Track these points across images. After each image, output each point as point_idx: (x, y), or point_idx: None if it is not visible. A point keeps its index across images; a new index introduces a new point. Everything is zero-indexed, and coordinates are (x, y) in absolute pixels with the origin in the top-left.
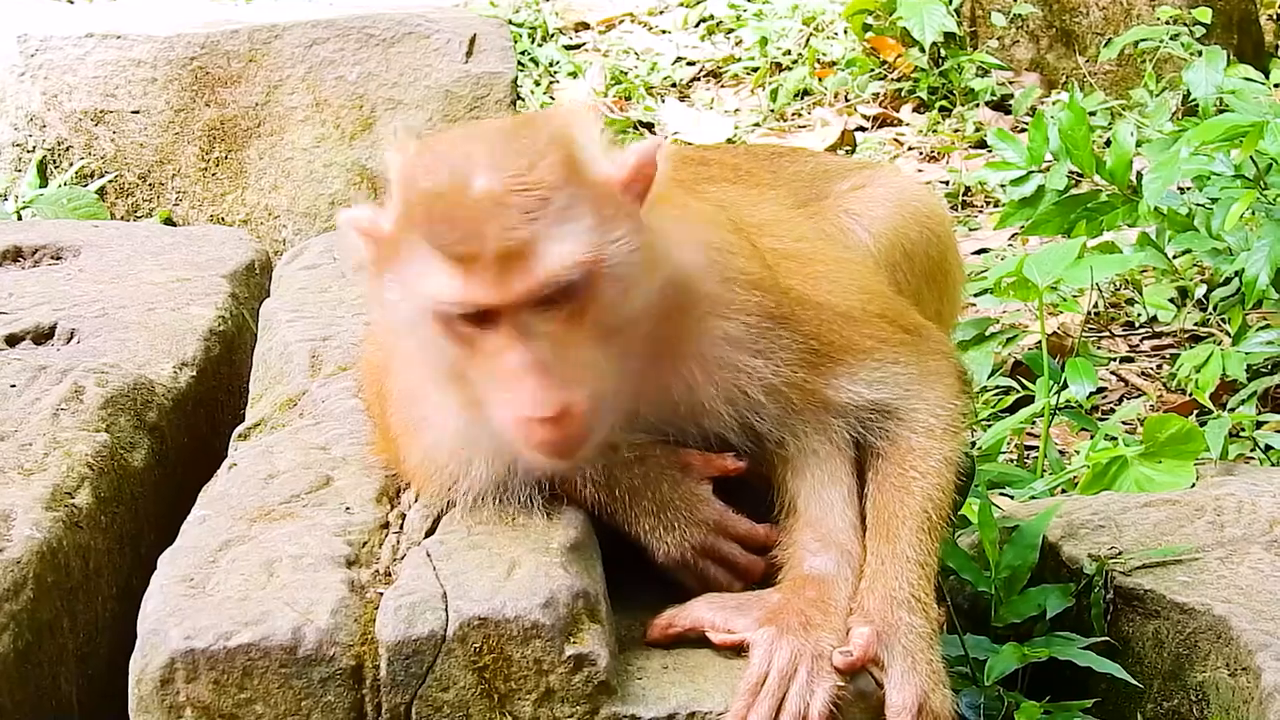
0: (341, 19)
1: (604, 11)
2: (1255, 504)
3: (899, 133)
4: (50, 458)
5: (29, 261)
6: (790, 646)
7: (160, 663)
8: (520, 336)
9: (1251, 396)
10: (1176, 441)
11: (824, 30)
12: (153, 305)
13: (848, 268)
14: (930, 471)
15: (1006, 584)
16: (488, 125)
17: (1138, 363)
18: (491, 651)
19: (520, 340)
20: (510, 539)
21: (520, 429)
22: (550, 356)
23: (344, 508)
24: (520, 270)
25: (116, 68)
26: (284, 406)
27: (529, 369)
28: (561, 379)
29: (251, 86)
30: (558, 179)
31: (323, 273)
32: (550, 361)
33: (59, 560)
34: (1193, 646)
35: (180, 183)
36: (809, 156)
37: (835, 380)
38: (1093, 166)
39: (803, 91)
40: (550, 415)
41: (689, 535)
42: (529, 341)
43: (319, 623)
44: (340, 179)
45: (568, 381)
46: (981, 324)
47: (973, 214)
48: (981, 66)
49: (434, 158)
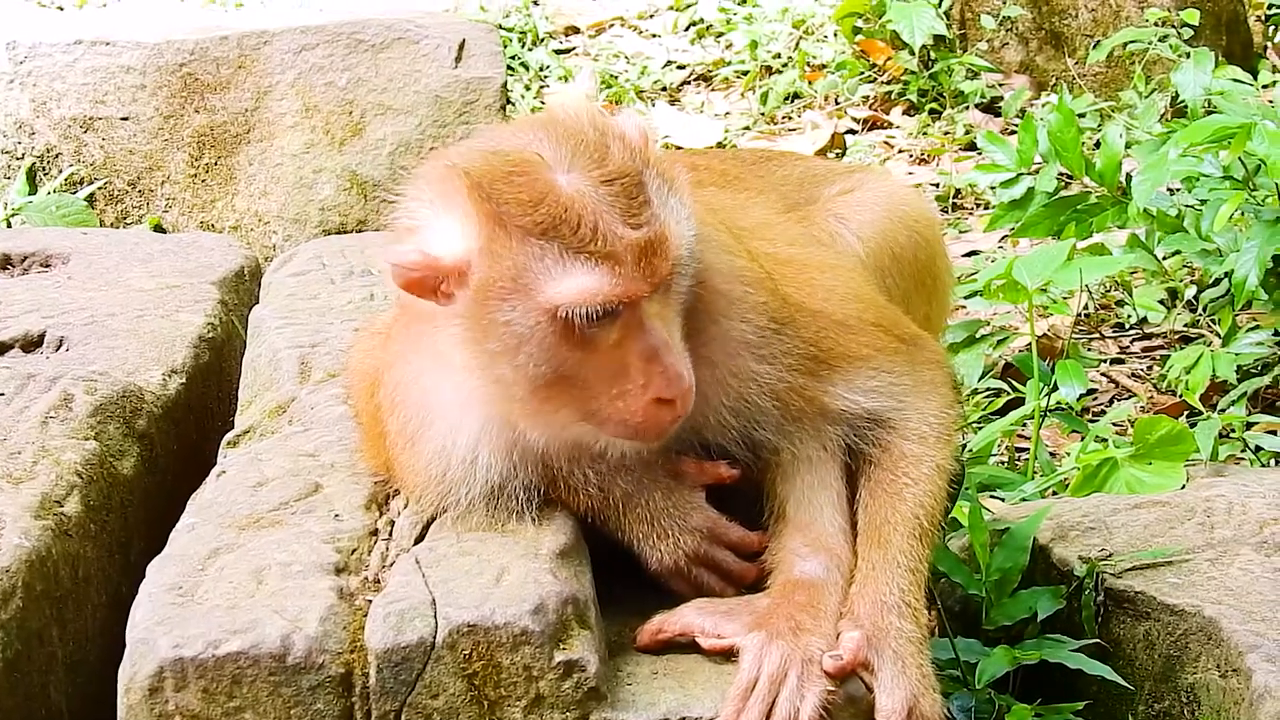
0: (331, 25)
1: (594, 15)
2: (1245, 505)
3: (889, 135)
4: (39, 466)
5: (18, 269)
6: (780, 651)
7: (149, 671)
8: (642, 323)
9: (1242, 397)
10: (1166, 443)
11: (814, 33)
12: (142, 312)
13: (841, 275)
14: (922, 478)
15: (997, 586)
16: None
17: (1128, 364)
18: (481, 658)
19: (643, 327)
20: (500, 545)
21: (648, 412)
22: (668, 337)
23: (333, 515)
24: (659, 255)
25: (106, 74)
26: (273, 413)
27: (661, 351)
28: (680, 356)
29: (241, 93)
30: (636, 163)
31: (312, 279)
32: (669, 342)
33: (48, 568)
34: (1183, 648)
35: (170, 189)
36: (797, 160)
37: (833, 388)
38: (1082, 168)
39: (793, 95)
40: (682, 391)
41: (682, 543)
42: (650, 325)
43: (308, 630)
44: (330, 185)
45: (683, 358)
46: (972, 326)
47: (963, 216)
48: (971, 69)
49: (507, 169)
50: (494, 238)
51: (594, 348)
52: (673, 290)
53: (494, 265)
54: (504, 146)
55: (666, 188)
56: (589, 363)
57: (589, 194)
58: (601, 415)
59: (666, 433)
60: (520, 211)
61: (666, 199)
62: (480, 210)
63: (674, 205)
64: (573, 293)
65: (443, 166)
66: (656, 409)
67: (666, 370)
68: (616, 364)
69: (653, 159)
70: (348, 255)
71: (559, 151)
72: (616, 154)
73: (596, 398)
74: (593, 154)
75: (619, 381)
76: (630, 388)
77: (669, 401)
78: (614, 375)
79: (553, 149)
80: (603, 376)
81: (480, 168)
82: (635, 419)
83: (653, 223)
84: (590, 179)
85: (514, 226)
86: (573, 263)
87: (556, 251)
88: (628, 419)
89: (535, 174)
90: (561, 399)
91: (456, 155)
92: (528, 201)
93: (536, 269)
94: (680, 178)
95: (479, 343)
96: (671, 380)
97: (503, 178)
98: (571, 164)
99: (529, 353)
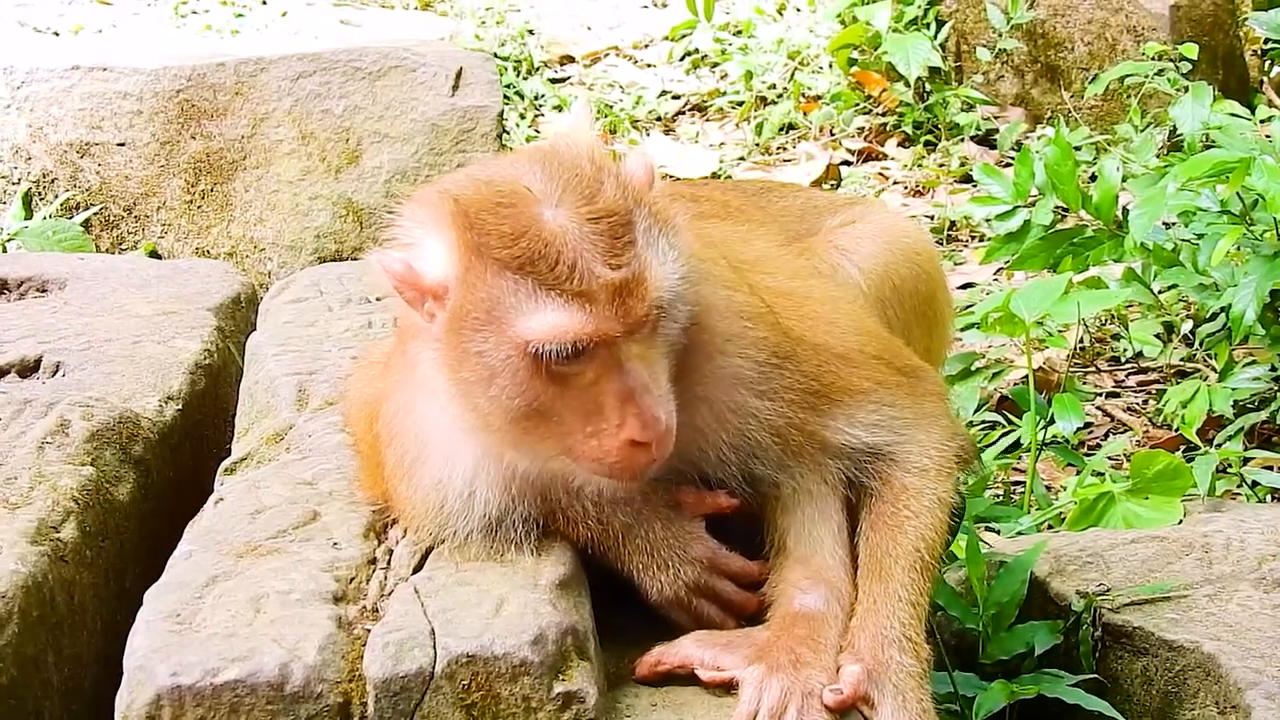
0: (327, 52)
1: (589, 45)
2: (1243, 541)
3: (884, 167)
4: (36, 491)
5: (14, 294)
6: (780, 684)
7: (146, 699)
8: (619, 363)
9: (1239, 432)
10: (1164, 478)
11: (809, 64)
12: (138, 338)
13: (843, 307)
14: (923, 511)
15: (994, 621)
16: (517, 161)
17: (1124, 398)
18: (480, 689)
19: (620, 367)
20: (499, 575)
21: (622, 453)
22: (647, 379)
23: (331, 543)
24: (635, 296)
25: (102, 100)
26: (270, 441)
27: (636, 393)
28: (658, 399)
29: (237, 119)
30: (627, 202)
31: (309, 306)
32: (649, 384)
33: (44, 595)
34: (1182, 684)
35: (165, 215)
36: (797, 192)
37: (833, 423)
38: (1078, 201)
39: (788, 126)
40: (657, 436)
41: (683, 573)
42: (629, 366)
43: (306, 659)
44: (326, 212)
45: (661, 401)
46: (967, 359)
47: (958, 249)
48: (966, 101)
49: (495, 200)
50: (471, 267)
51: (569, 384)
52: (658, 332)
53: (469, 294)
54: (496, 177)
55: (657, 229)
56: (564, 399)
57: (572, 231)
58: (577, 452)
59: (642, 475)
60: (500, 244)
61: (655, 240)
62: (461, 239)
63: (662, 247)
64: (544, 329)
65: (436, 191)
66: (631, 451)
67: (642, 413)
68: (591, 402)
69: (647, 199)
70: (345, 283)
71: (550, 186)
72: (608, 191)
73: (571, 434)
74: (583, 190)
75: (593, 420)
76: (605, 427)
77: (644, 444)
78: (588, 413)
79: (544, 182)
80: (577, 414)
81: (470, 195)
82: (610, 459)
83: (633, 264)
84: (576, 215)
85: (491, 258)
86: (545, 299)
87: (531, 286)
88: (602, 458)
89: (521, 207)
90: (539, 432)
91: (451, 181)
92: (509, 234)
93: (509, 302)
94: (678, 219)
95: (454, 370)
96: (647, 424)
97: (489, 208)
98: (560, 199)
99: (501, 385)
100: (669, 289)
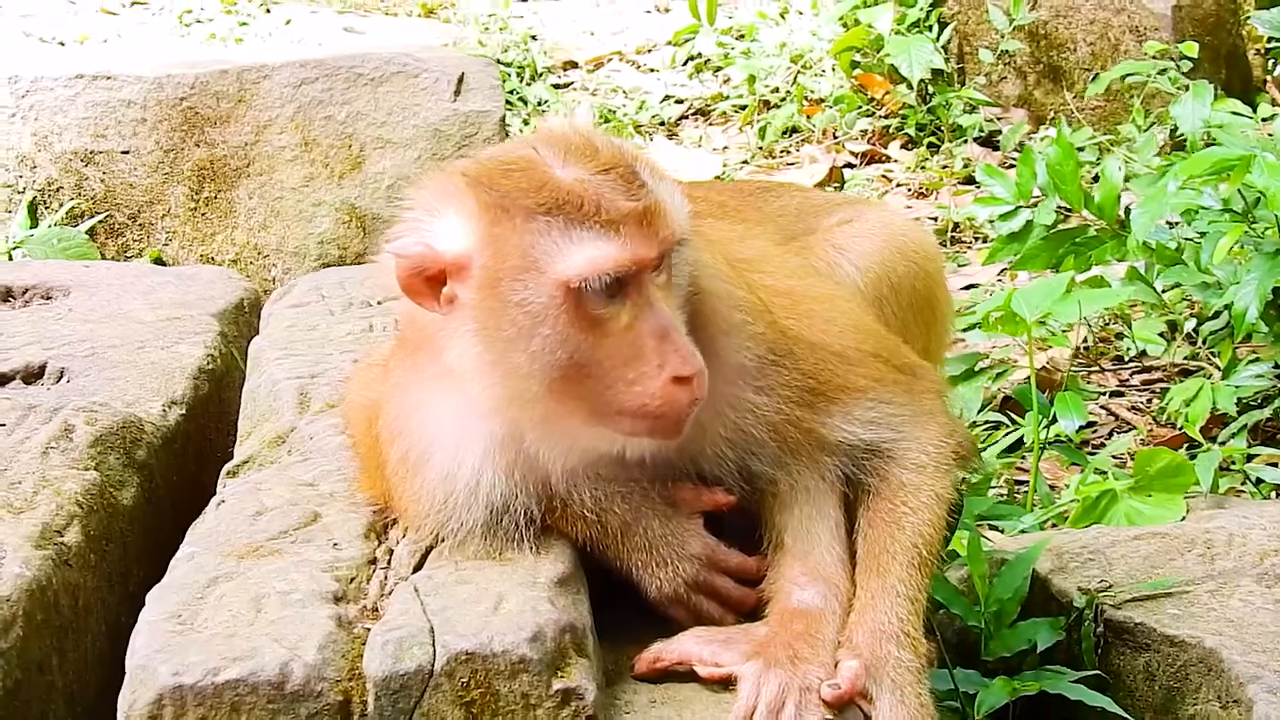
0: (330, 59)
1: (592, 50)
2: (1246, 536)
3: (887, 169)
4: (40, 496)
5: (19, 302)
6: (778, 679)
7: (148, 699)
8: (652, 303)
9: (1242, 430)
10: (1166, 475)
11: (812, 68)
12: (142, 344)
13: (840, 305)
14: (921, 507)
15: (996, 618)
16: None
17: (1127, 397)
18: (479, 686)
19: (652, 306)
20: (498, 574)
21: (665, 394)
22: (679, 320)
23: (332, 544)
24: (659, 220)
25: (106, 108)
26: (272, 444)
27: (671, 331)
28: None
29: (241, 126)
30: (626, 156)
31: (311, 311)
32: (680, 325)
33: (48, 598)
34: (1184, 679)
35: (170, 223)
36: (795, 191)
37: (830, 420)
38: (1081, 201)
39: (791, 129)
40: (697, 370)
41: (681, 570)
42: (660, 306)
43: (306, 658)
44: (329, 218)
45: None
46: (971, 359)
47: (962, 250)
48: (969, 103)
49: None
50: (498, 222)
51: (606, 331)
52: (674, 280)
53: (500, 249)
54: (499, 154)
55: (658, 176)
56: (603, 348)
57: (586, 179)
58: (618, 405)
59: (684, 420)
60: (523, 196)
61: (660, 181)
62: (481, 201)
63: (668, 185)
64: (582, 263)
65: (443, 173)
66: (674, 389)
67: (680, 349)
68: (630, 347)
69: (642, 155)
70: (347, 287)
71: (552, 152)
72: (606, 151)
73: (613, 386)
74: (584, 152)
75: (634, 364)
76: (646, 369)
77: (686, 380)
78: (629, 359)
79: (546, 150)
80: (617, 361)
81: (479, 169)
82: (654, 403)
83: (649, 196)
84: (585, 170)
85: (518, 209)
86: (578, 235)
87: (562, 225)
88: (646, 403)
89: (532, 169)
90: (577, 394)
91: (454, 166)
92: (529, 188)
93: (544, 245)
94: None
95: (492, 333)
96: (686, 358)
97: (502, 173)
98: (566, 160)
99: (544, 335)
100: (683, 221)
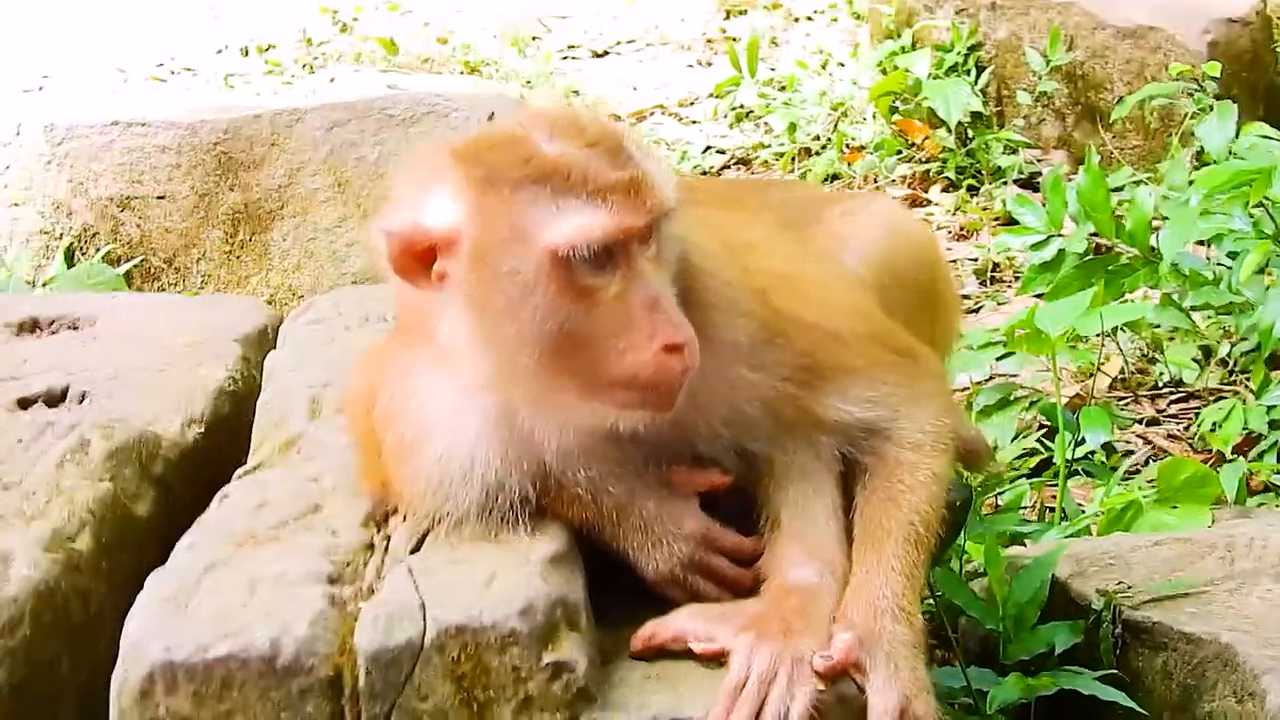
0: (361, 101)
1: (635, 104)
2: (1267, 539)
3: (928, 213)
4: (52, 504)
5: (46, 331)
6: (770, 651)
7: (140, 675)
8: (640, 273)
9: (1272, 447)
10: (1191, 485)
11: (851, 115)
12: (165, 367)
13: (838, 288)
14: (918, 485)
15: (1015, 622)
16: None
17: (1164, 426)
18: (469, 660)
19: (642, 277)
20: (493, 553)
21: (657, 362)
22: (668, 291)
23: (330, 531)
24: (645, 189)
25: (141, 154)
26: (283, 448)
27: (661, 301)
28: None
29: (274, 169)
30: (613, 131)
31: (328, 326)
32: (670, 295)
33: (57, 600)
34: (1200, 676)
35: (205, 266)
36: (799, 186)
37: (826, 399)
38: (1112, 229)
39: (832, 175)
40: (688, 339)
41: (677, 550)
42: (649, 277)
43: (297, 633)
44: (362, 258)
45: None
46: (1006, 389)
47: (1001, 289)
48: (1008, 145)
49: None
50: (485, 193)
51: (596, 301)
52: (664, 254)
53: (489, 221)
54: (484, 132)
55: (646, 151)
56: (593, 318)
57: (573, 152)
58: (610, 376)
59: (677, 390)
60: (510, 168)
61: (647, 155)
62: (468, 176)
63: (656, 159)
64: (570, 231)
65: (429, 151)
66: (666, 358)
67: (671, 317)
68: (621, 316)
69: (629, 131)
70: (364, 303)
71: (538, 126)
72: (592, 126)
73: (604, 357)
74: (570, 128)
75: (625, 334)
76: (637, 338)
77: (677, 349)
78: (619, 329)
79: (532, 126)
80: (608, 332)
81: (464, 145)
82: (646, 372)
83: (635, 168)
84: (572, 144)
85: (505, 181)
86: (565, 203)
87: (550, 195)
88: (638, 373)
89: (520, 143)
90: (569, 368)
91: (438, 146)
92: (516, 161)
93: (532, 215)
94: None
95: (483, 306)
96: (677, 325)
97: (488, 148)
98: (552, 135)
99: (534, 305)
100: (671, 193)
